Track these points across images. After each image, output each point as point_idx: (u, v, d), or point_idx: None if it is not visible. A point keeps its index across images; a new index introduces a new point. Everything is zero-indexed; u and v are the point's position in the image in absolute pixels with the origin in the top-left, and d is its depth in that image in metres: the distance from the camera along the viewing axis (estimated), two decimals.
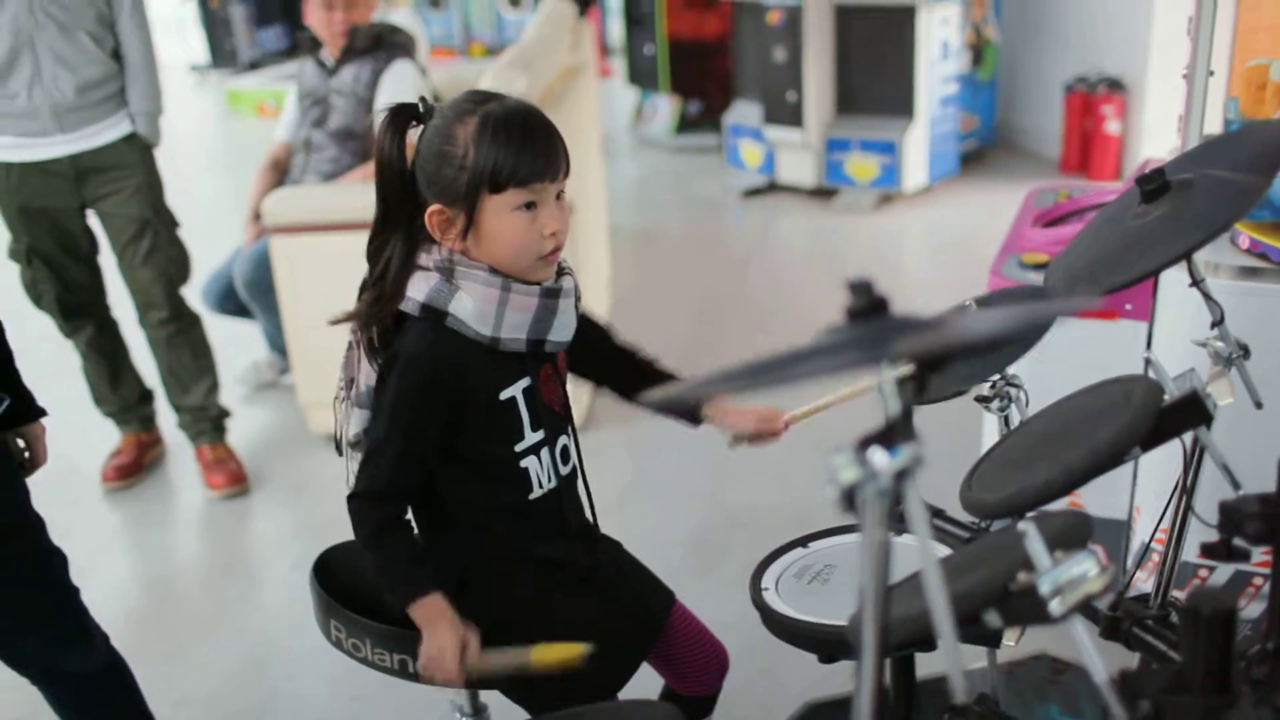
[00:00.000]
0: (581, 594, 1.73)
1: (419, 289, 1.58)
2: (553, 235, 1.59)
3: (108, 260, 3.42)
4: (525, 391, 1.65)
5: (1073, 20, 6.54)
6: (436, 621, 1.56)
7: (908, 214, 6.03)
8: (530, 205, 1.56)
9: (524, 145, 1.55)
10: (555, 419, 1.70)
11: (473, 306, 1.58)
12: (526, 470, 1.67)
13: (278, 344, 4.03)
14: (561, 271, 1.67)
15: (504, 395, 1.63)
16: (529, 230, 1.57)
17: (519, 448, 1.65)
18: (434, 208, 1.58)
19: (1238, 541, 1.31)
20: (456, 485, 1.68)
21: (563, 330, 1.65)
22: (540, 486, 1.68)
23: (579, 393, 2.80)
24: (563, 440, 1.72)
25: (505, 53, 3.95)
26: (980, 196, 6.17)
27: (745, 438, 1.77)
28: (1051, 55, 6.67)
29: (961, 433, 2.74)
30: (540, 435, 1.67)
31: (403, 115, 1.60)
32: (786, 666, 2.46)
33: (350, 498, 1.62)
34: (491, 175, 1.53)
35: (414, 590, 1.58)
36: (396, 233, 1.61)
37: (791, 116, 6.16)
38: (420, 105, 1.61)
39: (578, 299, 1.69)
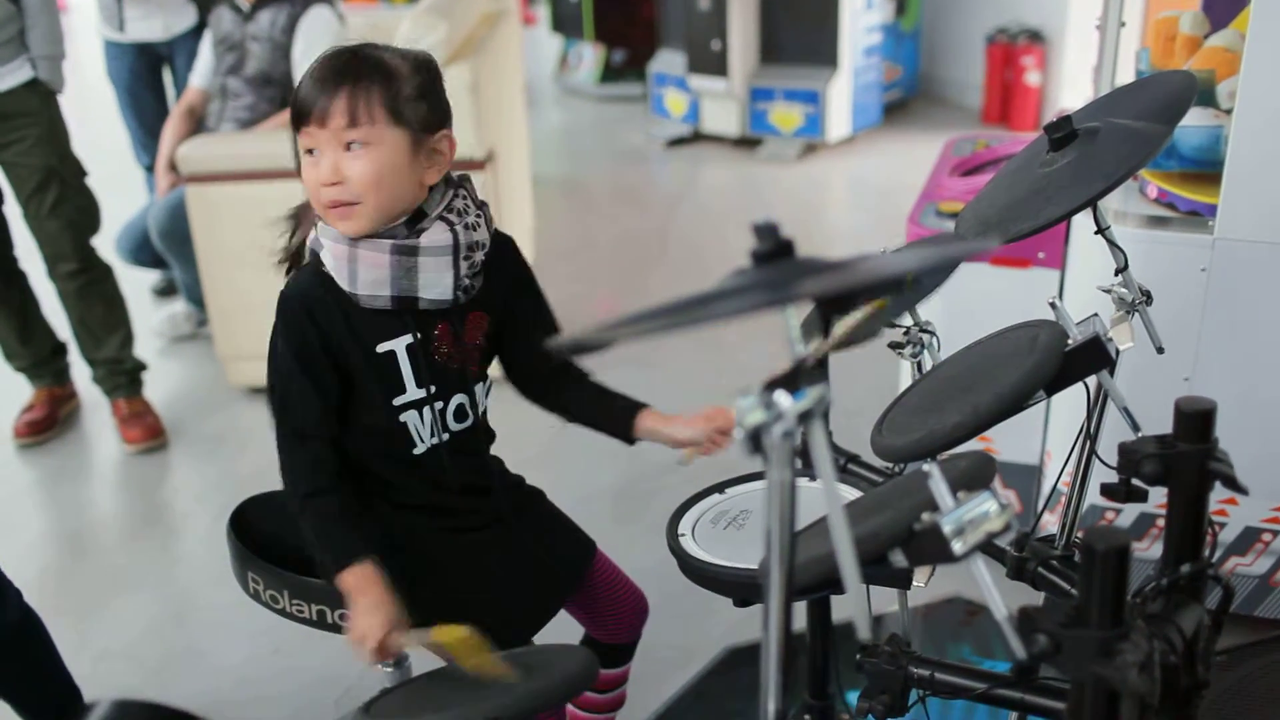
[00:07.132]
0: (481, 544, 1.70)
1: (313, 232, 1.59)
2: (329, 186, 1.50)
3: (13, 211, 3.32)
4: (409, 348, 1.59)
5: None
6: (367, 594, 1.48)
7: (831, 163, 6.06)
8: (310, 151, 1.51)
9: (319, 87, 1.48)
10: (449, 377, 1.63)
11: (330, 260, 1.55)
12: (405, 425, 1.61)
13: (195, 295, 3.95)
14: (420, 228, 1.55)
15: (381, 348, 1.58)
16: (309, 177, 1.52)
17: (397, 401, 1.60)
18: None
19: (1136, 482, 1.35)
20: (342, 427, 1.63)
21: (435, 288, 1.56)
22: (423, 441, 1.63)
23: None
24: (458, 399, 1.65)
25: None
26: (902, 146, 6.22)
27: (698, 446, 1.64)
28: (973, 6, 6.71)
29: (880, 380, 2.78)
30: (424, 393, 1.61)
31: None
32: (706, 612, 2.49)
33: (279, 448, 1.57)
34: (294, 112, 1.51)
35: (345, 558, 1.50)
36: None
37: (716, 66, 6.14)
38: None
39: (466, 257, 1.57)
